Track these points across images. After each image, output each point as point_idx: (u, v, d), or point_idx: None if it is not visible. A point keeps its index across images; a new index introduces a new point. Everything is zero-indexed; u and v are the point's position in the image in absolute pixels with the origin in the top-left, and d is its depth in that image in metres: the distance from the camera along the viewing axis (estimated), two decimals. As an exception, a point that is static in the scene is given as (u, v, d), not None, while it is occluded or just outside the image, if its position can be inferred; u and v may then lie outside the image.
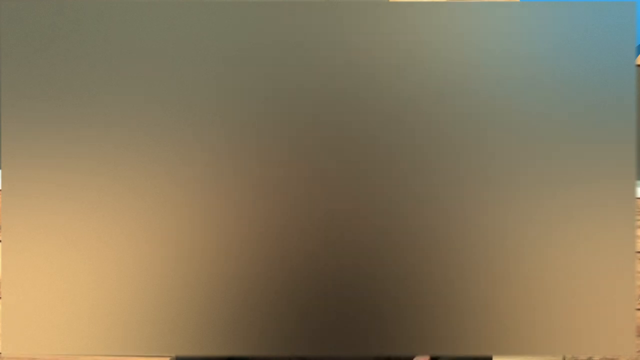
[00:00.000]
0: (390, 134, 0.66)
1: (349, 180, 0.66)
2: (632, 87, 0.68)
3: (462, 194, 0.67)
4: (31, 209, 0.67)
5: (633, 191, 0.68)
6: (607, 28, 0.67)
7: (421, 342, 0.67)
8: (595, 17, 0.67)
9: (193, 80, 0.66)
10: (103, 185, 0.67)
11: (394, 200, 0.66)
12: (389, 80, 0.66)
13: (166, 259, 0.67)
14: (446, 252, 0.67)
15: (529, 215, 0.67)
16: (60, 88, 0.67)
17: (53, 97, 0.67)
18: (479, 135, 0.67)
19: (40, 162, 0.67)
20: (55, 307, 0.68)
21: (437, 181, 0.66)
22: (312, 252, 0.66)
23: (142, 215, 0.67)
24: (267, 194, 0.66)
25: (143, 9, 0.67)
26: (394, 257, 0.67)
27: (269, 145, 0.66)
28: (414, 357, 0.70)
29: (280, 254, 0.66)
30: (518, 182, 0.67)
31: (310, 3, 0.66)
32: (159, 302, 0.67)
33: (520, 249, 0.67)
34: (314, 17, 0.66)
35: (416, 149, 0.66)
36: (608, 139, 0.67)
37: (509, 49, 0.67)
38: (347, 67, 0.66)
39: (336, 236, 0.66)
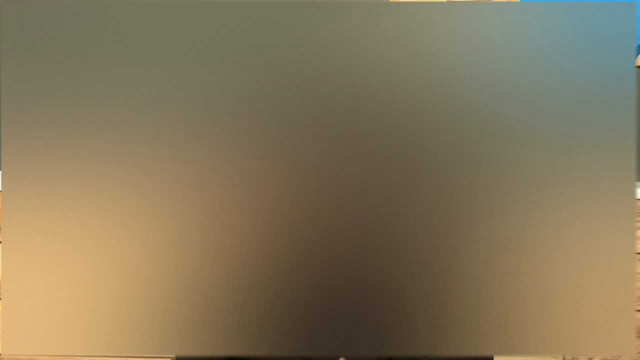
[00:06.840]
0: (390, 134, 0.66)
1: (350, 179, 0.66)
2: (632, 87, 0.67)
3: (461, 194, 0.67)
4: (31, 209, 0.67)
5: (633, 192, 0.67)
6: (607, 28, 0.67)
7: (421, 342, 0.67)
8: (595, 17, 0.67)
9: (193, 80, 0.66)
10: (103, 185, 0.67)
11: (395, 200, 0.66)
12: (389, 80, 0.66)
13: (166, 259, 0.67)
14: (446, 252, 0.67)
15: (528, 215, 0.67)
16: (60, 88, 0.67)
17: (53, 97, 0.67)
18: (478, 136, 0.67)
19: (40, 162, 0.67)
20: (55, 307, 0.68)
21: (438, 181, 0.66)
22: (313, 252, 0.66)
23: (142, 215, 0.67)
24: (267, 194, 0.66)
25: (143, 8, 0.67)
26: (395, 257, 0.67)
27: (268, 145, 0.66)
28: (414, 357, 0.70)
29: (281, 253, 0.66)
30: (517, 183, 0.67)
31: (310, 3, 0.66)
32: (159, 302, 0.67)
33: (519, 249, 0.67)
34: (314, 17, 0.66)
35: (417, 148, 0.66)
36: (608, 140, 0.67)
37: (508, 49, 0.67)
38: (347, 67, 0.66)
39: (337, 236, 0.66)
